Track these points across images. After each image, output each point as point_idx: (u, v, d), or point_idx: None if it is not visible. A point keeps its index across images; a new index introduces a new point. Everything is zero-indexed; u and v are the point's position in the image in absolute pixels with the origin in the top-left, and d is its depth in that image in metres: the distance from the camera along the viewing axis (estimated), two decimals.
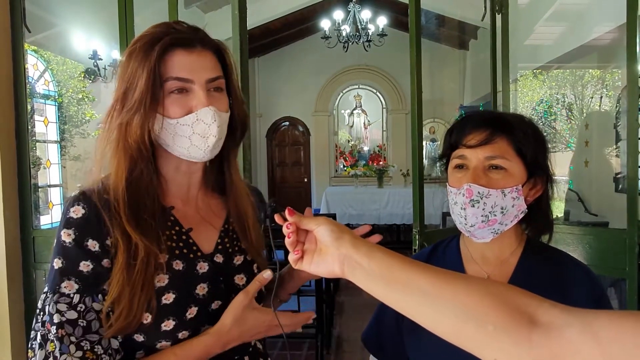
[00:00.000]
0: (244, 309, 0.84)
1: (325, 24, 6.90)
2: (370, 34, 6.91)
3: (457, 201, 0.89)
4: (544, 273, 0.93)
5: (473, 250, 0.98)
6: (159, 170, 0.88)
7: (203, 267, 0.87)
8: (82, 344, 0.75)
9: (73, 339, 0.75)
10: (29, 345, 0.79)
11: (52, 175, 4.97)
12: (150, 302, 0.79)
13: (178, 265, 0.84)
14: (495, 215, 0.87)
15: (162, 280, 0.81)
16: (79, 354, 0.74)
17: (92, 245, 0.78)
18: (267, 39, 8.39)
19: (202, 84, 0.82)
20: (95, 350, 0.75)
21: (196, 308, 0.83)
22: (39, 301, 0.79)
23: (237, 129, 0.91)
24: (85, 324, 0.76)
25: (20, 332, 2.23)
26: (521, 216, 0.91)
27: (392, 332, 1.01)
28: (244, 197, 0.96)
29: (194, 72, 0.81)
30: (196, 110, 0.81)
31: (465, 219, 0.88)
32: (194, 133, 0.82)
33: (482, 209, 0.86)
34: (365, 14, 6.81)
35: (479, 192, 0.86)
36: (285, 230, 0.68)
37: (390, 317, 1.01)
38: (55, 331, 0.74)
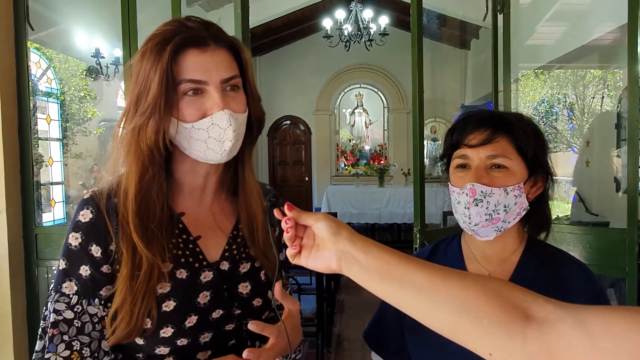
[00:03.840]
0: None
1: (327, 23, 6.91)
2: (371, 33, 6.92)
3: (460, 200, 0.90)
4: (544, 271, 0.94)
5: (475, 249, 0.98)
6: (173, 172, 0.87)
7: (207, 276, 0.86)
8: (74, 343, 0.77)
9: (66, 337, 0.77)
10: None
11: (55, 173, 4.98)
12: (150, 311, 0.79)
13: (182, 274, 0.84)
14: (498, 214, 0.88)
15: (164, 287, 0.81)
16: (66, 353, 0.77)
17: (95, 250, 0.80)
18: (269, 38, 8.40)
19: (216, 85, 0.79)
20: (83, 352, 0.77)
21: (196, 317, 0.83)
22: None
23: (253, 127, 0.89)
24: (80, 325, 0.78)
25: (23, 329, 2.24)
26: (523, 213, 0.92)
27: (393, 329, 1.02)
28: (255, 198, 0.93)
29: (207, 72, 0.79)
30: (211, 114, 0.79)
31: (470, 218, 0.89)
32: (209, 137, 0.79)
33: (485, 207, 0.87)
34: (367, 13, 6.82)
35: (482, 191, 0.87)
36: (284, 225, 0.69)
37: (392, 314, 1.01)
38: (49, 329, 0.77)
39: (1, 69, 2.16)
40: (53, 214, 4.70)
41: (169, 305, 0.81)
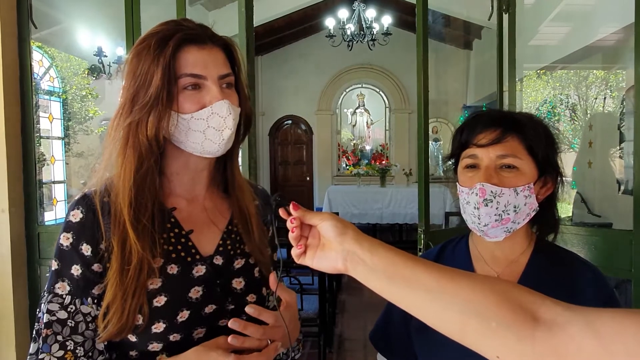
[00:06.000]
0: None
1: (329, 22, 6.90)
2: (374, 33, 6.90)
3: (469, 200, 0.89)
4: (553, 273, 0.93)
5: (483, 250, 0.97)
6: (164, 171, 0.87)
7: (200, 270, 0.86)
8: (67, 343, 0.78)
9: (59, 337, 0.77)
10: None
11: (57, 172, 4.99)
12: (141, 307, 0.79)
13: (173, 269, 0.84)
14: (508, 214, 0.87)
15: (155, 283, 0.81)
16: (60, 353, 0.77)
17: (86, 249, 0.80)
18: (271, 37, 8.40)
19: (214, 80, 0.82)
20: (77, 352, 0.78)
21: (188, 312, 0.83)
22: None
23: (241, 126, 0.90)
24: (73, 325, 0.78)
25: (25, 327, 2.24)
26: (533, 214, 0.91)
27: (400, 330, 1.01)
28: (247, 194, 0.95)
29: (206, 68, 0.82)
30: (210, 105, 0.81)
31: (479, 219, 0.88)
32: (208, 127, 0.82)
33: (495, 207, 0.86)
34: (370, 12, 6.81)
35: (492, 191, 0.86)
36: (289, 225, 0.68)
37: (398, 316, 1.01)
38: (42, 330, 0.78)
39: (5, 68, 2.16)
40: (55, 213, 4.71)
41: (160, 301, 0.81)
